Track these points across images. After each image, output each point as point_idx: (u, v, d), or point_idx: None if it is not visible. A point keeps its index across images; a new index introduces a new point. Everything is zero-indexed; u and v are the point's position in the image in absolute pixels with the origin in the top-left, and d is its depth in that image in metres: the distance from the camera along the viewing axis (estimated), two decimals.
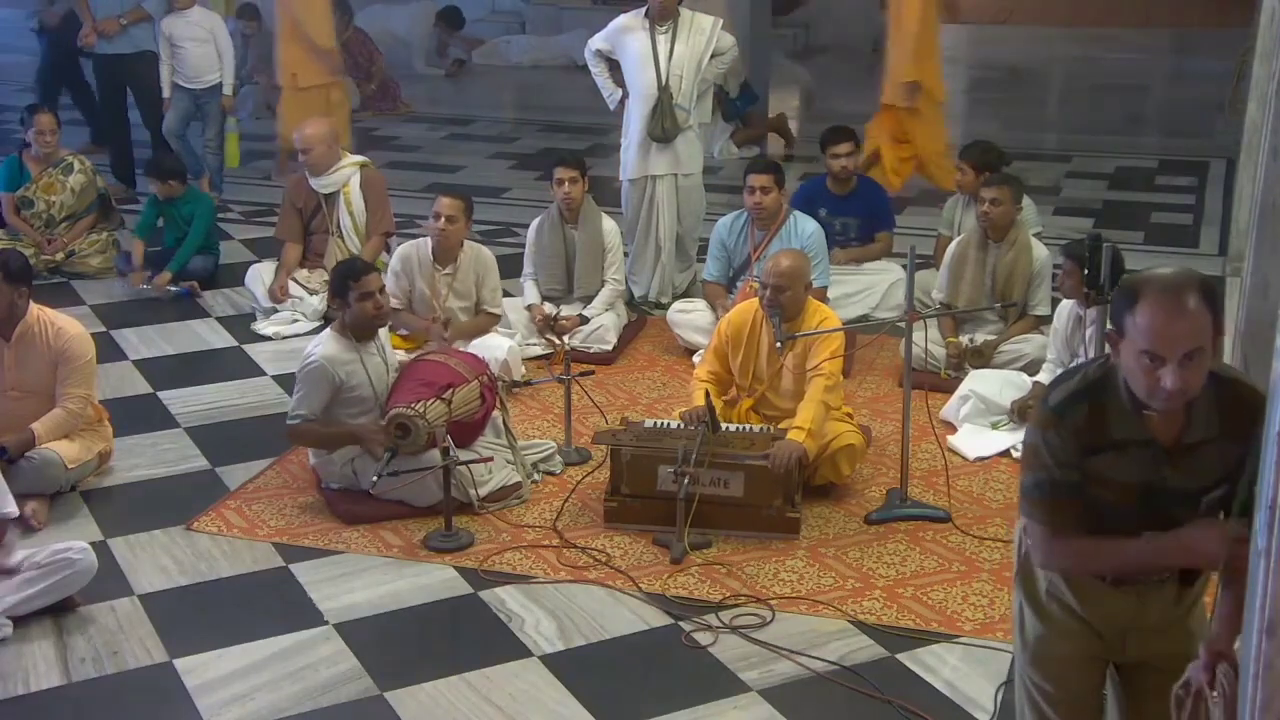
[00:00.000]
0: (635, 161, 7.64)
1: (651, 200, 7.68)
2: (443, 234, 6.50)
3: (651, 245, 7.71)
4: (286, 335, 7.24)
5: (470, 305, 6.68)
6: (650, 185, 7.66)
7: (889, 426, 5.96)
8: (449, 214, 6.48)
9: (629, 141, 7.66)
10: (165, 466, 5.80)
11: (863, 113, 9.56)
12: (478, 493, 5.30)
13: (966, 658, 4.41)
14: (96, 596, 4.71)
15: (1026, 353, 6.40)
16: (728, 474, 5.11)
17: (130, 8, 9.48)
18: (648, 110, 7.50)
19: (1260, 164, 4.98)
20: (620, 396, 6.46)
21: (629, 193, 7.74)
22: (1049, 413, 2.88)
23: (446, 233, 6.49)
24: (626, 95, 7.61)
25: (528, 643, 4.49)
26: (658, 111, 7.49)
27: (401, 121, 12.72)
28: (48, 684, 4.29)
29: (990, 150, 7.24)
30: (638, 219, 7.71)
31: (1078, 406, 2.86)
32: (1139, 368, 2.72)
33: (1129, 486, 2.88)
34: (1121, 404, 2.83)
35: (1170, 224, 9.35)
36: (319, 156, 7.45)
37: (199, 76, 9.50)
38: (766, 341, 5.52)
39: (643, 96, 7.51)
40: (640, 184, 7.67)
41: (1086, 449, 2.85)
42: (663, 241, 7.68)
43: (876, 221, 7.55)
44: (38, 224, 8.18)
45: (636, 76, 7.54)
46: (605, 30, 7.66)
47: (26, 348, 5.43)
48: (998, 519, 5.29)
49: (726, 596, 4.74)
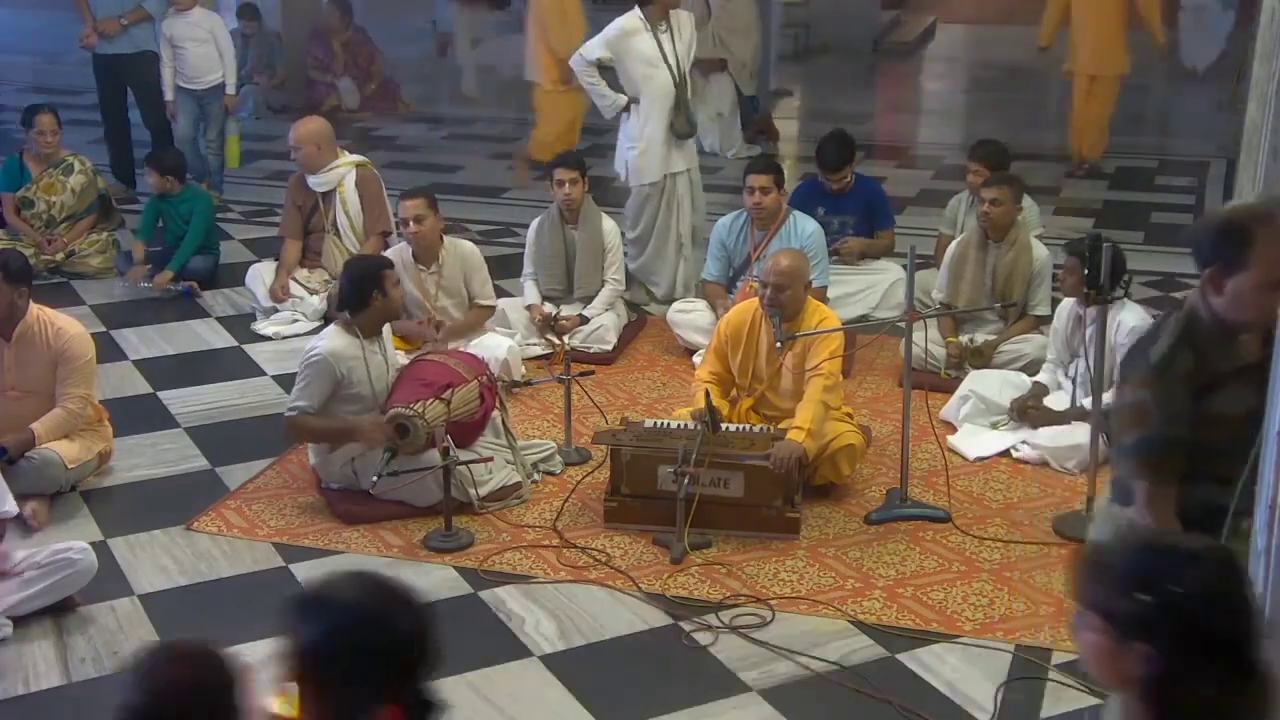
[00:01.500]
0: (656, 163, 7.58)
1: (671, 198, 7.68)
2: (416, 235, 6.47)
3: (673, 243, 7.70)
4: (286, 335, 7.24)
5: (461, 301, 6.67)
6: (670, 183, 7.67)
7: (889, 426, 5.96)
8: (415, 214, 6.44)
9: (644, 145, 7.55)
10: (165, 466, 5.80)
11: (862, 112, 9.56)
12: (478, 493, 5.31)
13: (966, 658, 4.41)
14: (96, 596, 4.71)
15: (1026, 353, 6.40)
16: (728, 474, 5.11)
17: (131, 8, 9.48)
18: (668, 108, 7.51)
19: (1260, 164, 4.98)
20: (620, 396, 6.46)
21: (646, 196, 7.66)
22: (1151, 371, 2.96)
23: (419, 233, 6.46)
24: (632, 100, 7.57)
25: (528, 643, 4.49)
26: (680, 108, 7.52)
27: (401, 121, 12.71)
28: (48, 684, 4.30)
29: (1002, 151, 7.23)
30: (655, 221, 7.68)
31: (1180, 354, 2.95)
32: (1258, 296, 2.81)
33: (1239, 419, 2.94)
34: (1215, 338, 2.93)
35: (1170, 224, 9.34)
36: (308, 155, 7.44)
37: (200, 77, 9.50)
38: (766, 341, 5.52)
39: (661, 96, 7.50)
40: (659, 185, 7.65)
41: (1196, 392, 2.92)
42: (684, 237, 7.71)
43: (875, 219, 7.54)
44: (38, 224, 8.18)
45: (649, 78, 7.49)
46: (602, 38, 7.54)
47: (26, 348, 5.43)
48: (998, 519, 5.29)
49: (726, 596, 4.74)
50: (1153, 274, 8.08)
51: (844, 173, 7.39)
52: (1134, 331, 5.69)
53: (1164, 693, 1.97)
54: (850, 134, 7.60)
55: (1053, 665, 4.36)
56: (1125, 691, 2.03)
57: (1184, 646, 1.96)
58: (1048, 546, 5.08)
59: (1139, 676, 1.99)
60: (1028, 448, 5.79)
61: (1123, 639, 2.00)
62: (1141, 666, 1.98)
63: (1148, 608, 1.97)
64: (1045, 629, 4.55)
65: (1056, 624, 4.57)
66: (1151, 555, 2.06)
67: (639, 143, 7.57)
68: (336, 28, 12.79)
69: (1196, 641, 1.96)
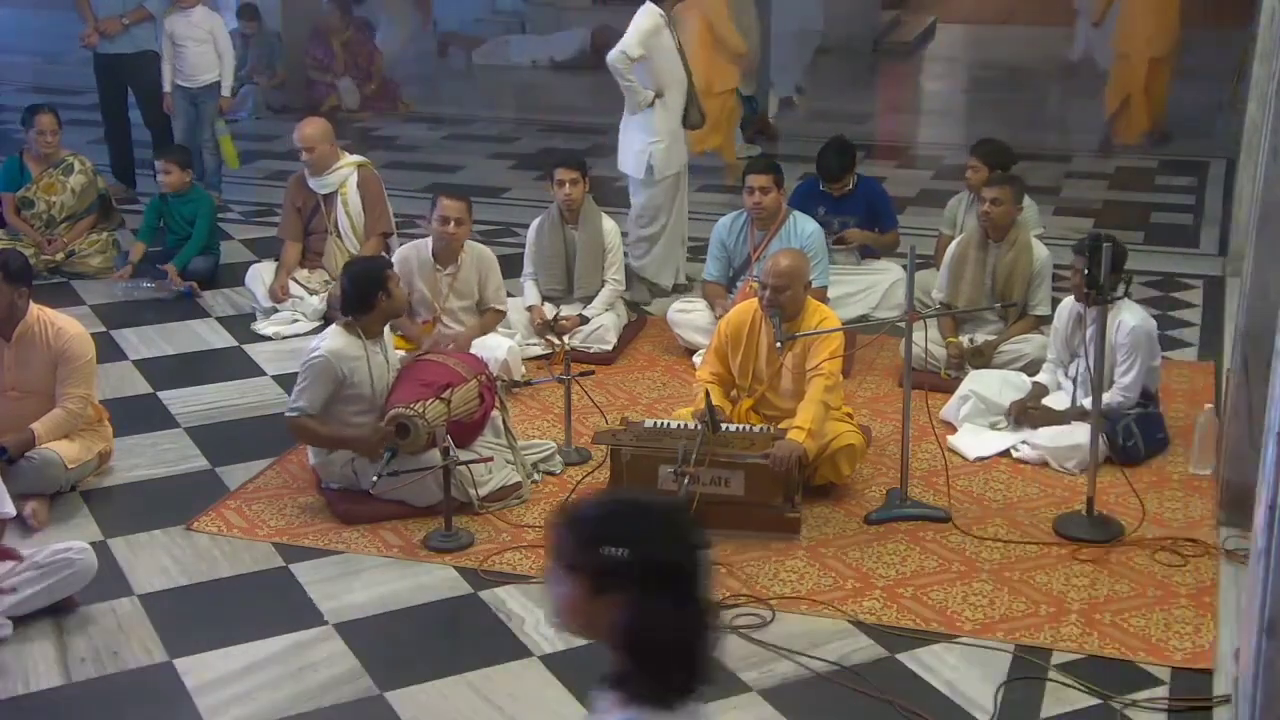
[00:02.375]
0: (677, 155, 7.82)
1: (680, 190, 7.92)
2: (453, 237, 6.49)
3: (681, 234, 7.94)
4: (286, 335, 7.24)
5: (471, 304, 6.68)
6: (680, 177, 7.90)
7: (889, 426, 5.96)
8: (457, 216, 6.47)
9: (662, 139, 7.66)
10: (165, 466, 5.80)
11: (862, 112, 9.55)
12: (478, 493, 5.30)
13: (966, 658, 4.41)
14: (96, 596, 4.71)
15: (1026, 353, 6.40)
16: (728, 472, 5.11)
17: (132, 7, 9.48)
18: (684, 102, 7.72)
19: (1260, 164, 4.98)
20: (620, 396, 6.46)
21: (666, 190, 7.80)
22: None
23: (456, 235, 6.49)
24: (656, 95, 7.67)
25: (528, 643, 4.49)
26: (692, 100, 7.75)
27: (401, 121, 12.71)
28: (48, 684, 4.29)
29: (1004, 151, 7.23)
30: (671, 212, 7.86)
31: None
32: None
33: None
34: None
35: (1170, 224, 9.35)
36: (322, 155, 7.46)
37: (196, 75, 9.52)
38: (766, 341, 5.52)
39: (679, 89, 7.71)
40: (675, 178, 7.84)
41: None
42: (684, 228, 7.95)
43: (878, 220, 7.53)
44: (38, 224, 8.18)
45: (672, 71, 7.68)
46: (635, 35, 7.55)
47: (26, 348, 5.43)
48: (998, 519, 5.29)
49: (726, 596, 4.73)
50: (1153, 274, 8.08)
51: (845, 180, 7.40)
52: (1134, 331, 5.70)
53: (638, 637, 2.16)
54: (850, 140, 7.63)
55: (1053, 665, 4.36)
56: (601, 640, 2.21)
57: (652, 593, 2.15)
58: (1048, 546, 5.08)
59: (613, 624, 2.16)
60: (1028, 448, 5.79)
61: (597, 591, 2.17)
62: (616, 615, 2.15)
63: (619, 560, 2.15)
64: (1045, 629, 4.55)
65: (1056, 624, 4.57)
66: (619, 511, 2.25)
67: (662, 136, 7.68)
68: (336, 28, 12.79)
69: (664, 587, 2.16)
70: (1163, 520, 5.27)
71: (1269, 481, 2.22)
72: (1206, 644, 4.46)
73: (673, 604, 2.17)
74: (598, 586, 2.16)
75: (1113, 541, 5.08)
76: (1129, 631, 4.54)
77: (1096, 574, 4.89)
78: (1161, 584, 4.83)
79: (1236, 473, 5.09)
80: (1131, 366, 5.70)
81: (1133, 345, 5.68)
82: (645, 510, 2.26)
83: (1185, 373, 6.69)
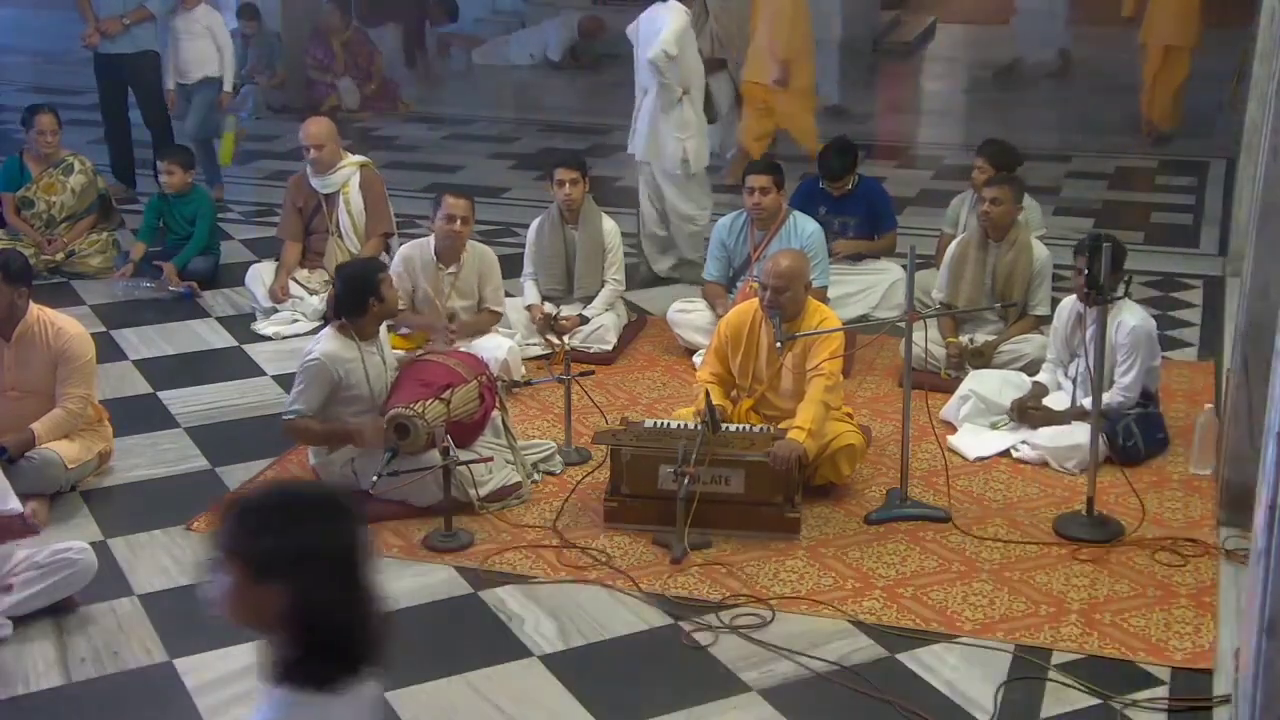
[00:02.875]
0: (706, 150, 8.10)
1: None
2: (458, 235, 6.51)
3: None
4: (286, 335, 7.24)
5: (472, 304, 6.68)
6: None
7: (889, 426, 5.96)
8: (462, 215, 6.50)
9: (695, 132, 7.88)
10: (165, 466, 5.80)
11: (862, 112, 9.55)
12: (478, 493, 5.31)
13: (966, 658, 4.41)
14: (96, 596, 4.71)
15: (1026, 353, 6.39)
16: (728, 471, 5.11)
17: (133, 7, 9.49)
18: (703, 97, 7.96)
19: (1260, 164, 4.98)
20: (620, 396, 6.46)
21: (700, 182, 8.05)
22: None
23: (461, 233, 6.51)
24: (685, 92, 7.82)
25: (528, 643, 4.50)
26: (708, 95, 8.03)
27: (401, 121, 12.71)
28: (48, 684, 4.30)
29: (1010, 151, 7.23)
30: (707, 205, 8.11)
31: None
32: None
33: None
34: None
35: (1170, 224, 9.35)
36: (329, 154, 7.46)
37: (189, 71, 9.62)
38: (766, 341, 5.52)
39: (700, 85, 7.94)
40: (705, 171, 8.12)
41: None
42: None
43: (877, 220, 7.53)
44: (38, 224, 8.18)
45: (695, 68, 7.92)
46: (676, 31, 7.64)
47: (26, 348, 5.43)
48: (998, 519, 5.29)
49: (726, 596, 4.74)
50: (1153, 274, 8.08)
51: (846, 180, 7.41)
52: (1134, 331, 5.70)
53: (306, 624, 2.19)
54: (852, 141, 7.63)
55: (1053, 665, 4.36)
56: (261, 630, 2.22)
57: (311, 579, 2.18)
58: (1048, 546, 5.08)
59: (276, 612, 2.18)
60: (1028, 448, 5.79)
61: (256, 579, 2.18)
62: (277, 602, 2.18)
63: (285, 548, 2.18)
64: (1045, 629, 4.55)
65: (1056, 624, 4.57)
66: (276, 499, 2.28)
67: (693, 131, 7.89)
68: (336, 28, 12.79)
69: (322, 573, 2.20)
70: (1163, 520, 5.27)
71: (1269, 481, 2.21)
72: (1206, 644, 4.46)
73: (333, 589, 2.20)
74: (257, 574, 2.18)
75: (1113, 541, 5.08)
76: (1129, 631, 4.54)
77: (1096, 574, 4.89)
78: (1161, 584, 4.83)
79: (1236, 473, 5.09)
80: (1132, 366, 5.70)
81: (1133, 345, 5.68)
82: (301, 497, 2.31)
83: (1185, 373, 6.69)
